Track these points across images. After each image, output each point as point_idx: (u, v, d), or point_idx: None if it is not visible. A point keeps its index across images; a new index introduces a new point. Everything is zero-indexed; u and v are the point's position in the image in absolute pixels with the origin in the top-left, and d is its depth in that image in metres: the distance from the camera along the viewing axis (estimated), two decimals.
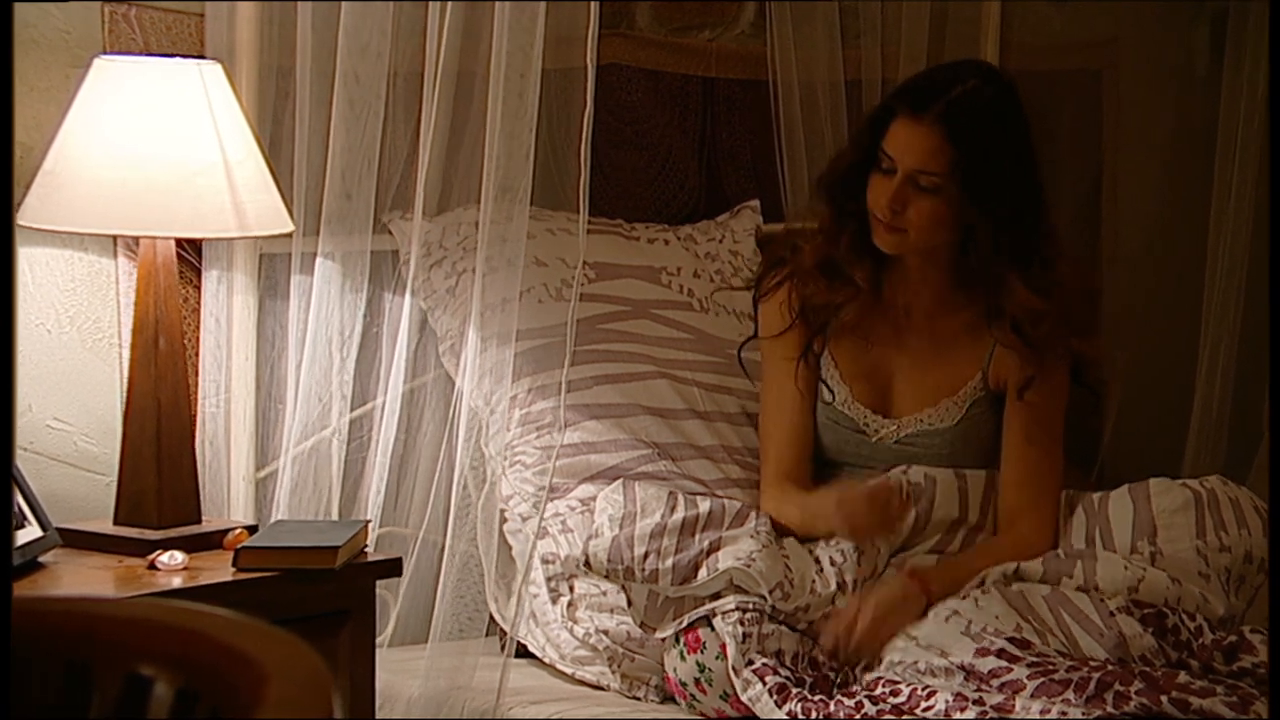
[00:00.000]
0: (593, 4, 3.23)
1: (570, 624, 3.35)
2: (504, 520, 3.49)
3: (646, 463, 3.55)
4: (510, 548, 3.49)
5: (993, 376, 3.45)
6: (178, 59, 3.15)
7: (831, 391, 3.46)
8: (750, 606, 3.17)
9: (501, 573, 3.51)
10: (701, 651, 3.17)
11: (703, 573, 3.22)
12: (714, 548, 3.25)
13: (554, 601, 3.37)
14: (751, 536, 3.27)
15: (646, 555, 3.24)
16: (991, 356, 3.45)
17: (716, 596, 3.21)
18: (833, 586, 3.25)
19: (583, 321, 3.60)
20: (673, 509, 3.31)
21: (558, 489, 3.47)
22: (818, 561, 3.30)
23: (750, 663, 3.11)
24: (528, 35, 3.29)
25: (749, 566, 3.19)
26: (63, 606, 1.71)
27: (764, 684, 3.08)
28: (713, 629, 3.17)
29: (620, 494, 3.36)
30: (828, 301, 3.41)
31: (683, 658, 3.19)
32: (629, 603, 3.29)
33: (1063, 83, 4.66)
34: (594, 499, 3.42)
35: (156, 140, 3.05)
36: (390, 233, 3.54)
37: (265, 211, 3.14)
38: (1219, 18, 4.60)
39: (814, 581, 3.25)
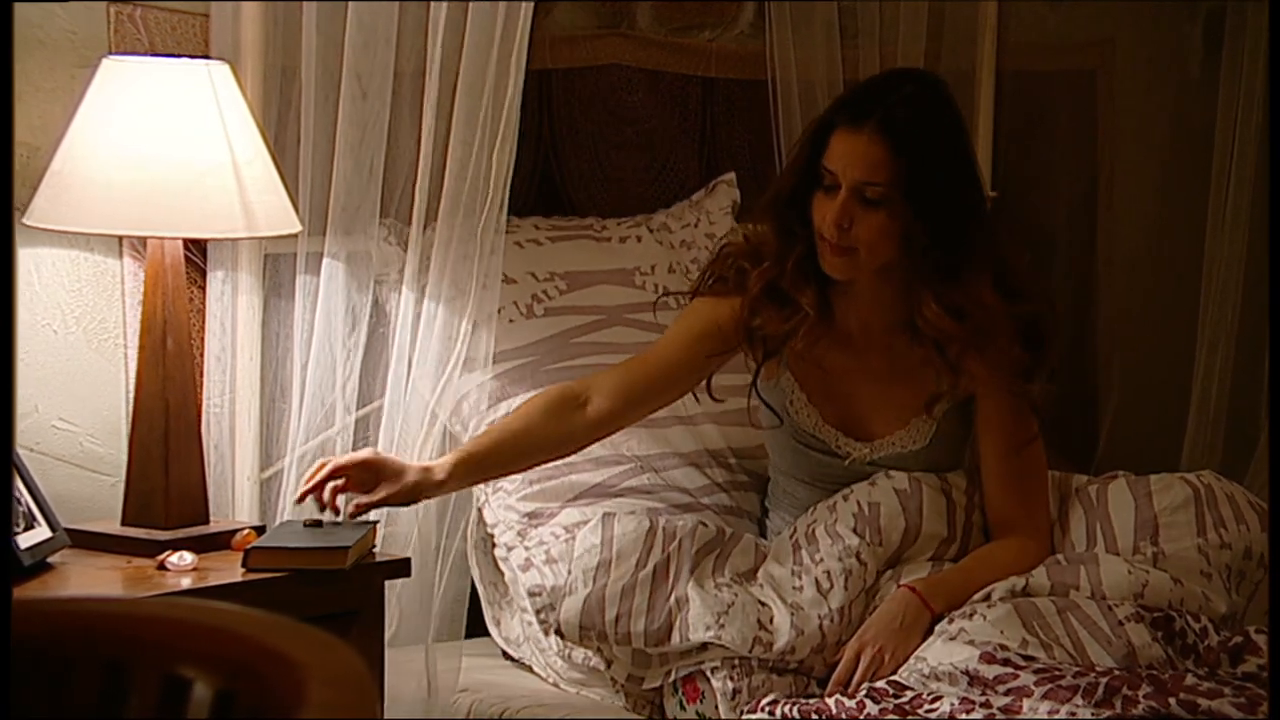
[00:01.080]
0: (525, 4, 3.28)
1: (567, 650, 3.32)
2: (493, 546, 3.47)
3: (629, 477, 3.51)
4: (502, 574, 3.46)
5: (961, 384, 3.31)
6: (185, 59, 3.15)
7: (801, 413, 3.38)
8: (737, 661, 3.11)
9: (501, 593, 3.50)
10: (701, 701, 3.14)
11: (675, 636, 3.13)
12: (682, 602, 3.15)
13: (546, 633, 3.30)
14: (716, 592, 3.16)
15: (618, 618, 3.14)
16: (934, 396, 3.33)
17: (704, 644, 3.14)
18: (815, 622, 3.16)
19: (556, 337, 3.58)
20: (649, 549, 3.20)
21: (540, 515, 3.42)
22: (800, 588, 3.21)
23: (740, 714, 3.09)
24: (510, 37, 3.32)
25: (719, 637, 3.10)
26: (100, 607, 1.71)
27: (758, 713, 3.06)
28: (708, 679, 3.16)
29: (598, 535, 3.23)
30: (779, 330, 3.28)
31: (682, 707, 3.17)
32: (607, 664, 3.22)
33: (1058, 83, 4.67)
34: (578, 525, 3.34)
35: (165, 141, 3.04)
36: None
37: (273, 212, 3.13)
38: (1212, 17, 4.61)
39: (793, 617, 3.16)
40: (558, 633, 3.20)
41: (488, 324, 3.42)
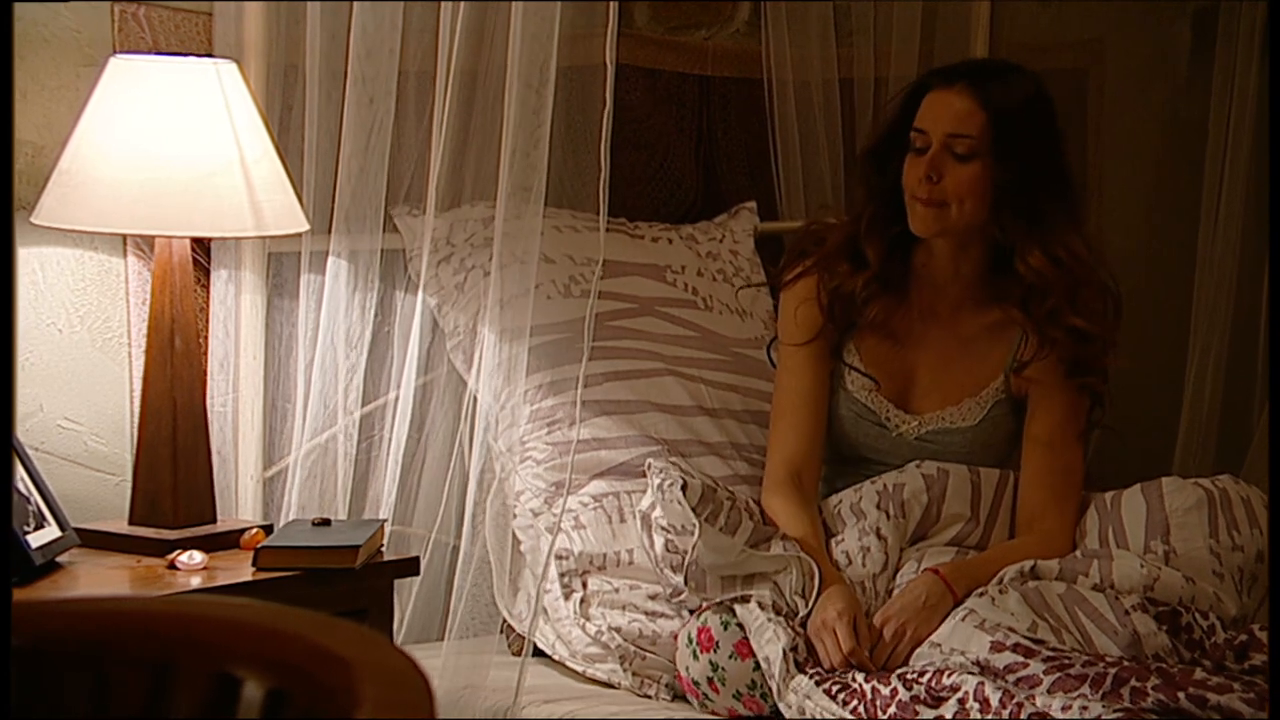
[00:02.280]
0: (611, 4, 3.25)
1: (583, 620, 3.34)
2: (514, 516, 3.48)
3: (657, 459, 3.55)
4: (519, 543, 3.48)
5: (1015, 383, 3.47)
6: (193, 58, 3.14)
7: (856, 381, 3.47)
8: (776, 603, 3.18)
9: (511, 568, 3.51)
10: (714, 650, 3.17)
11: (775, 546, 3.25)
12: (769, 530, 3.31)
13: (566, 598, 3.36)
14: (784, 544, 3.29)
15: (733, 502, 3.29)
16: (1015, 361, 3.46)
17: (747, 593, 3.21)
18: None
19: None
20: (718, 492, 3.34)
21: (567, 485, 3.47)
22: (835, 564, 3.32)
23: (778, 638, 3.11)
24: (545, 34, 3.30)
25: (780, 570, 3.21)
26: (148, 606, 1.70)
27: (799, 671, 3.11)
28: (725, 629, 3.17)
29: (661, 478, 3.34)
30: (852, 288, 3.43)
31: (695, 656, 3.19)
32: (682, 559, 3.24)
33: (1050, 82, 4.64)
34: (606, 496, 3.43)
35: (173, 140, 3.04)
36: (399, 231, 3.53)
37: (281, 211, 3.13)
38: (1201, 17, 4.62)
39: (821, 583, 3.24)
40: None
41: (525, 298, 3.43)
